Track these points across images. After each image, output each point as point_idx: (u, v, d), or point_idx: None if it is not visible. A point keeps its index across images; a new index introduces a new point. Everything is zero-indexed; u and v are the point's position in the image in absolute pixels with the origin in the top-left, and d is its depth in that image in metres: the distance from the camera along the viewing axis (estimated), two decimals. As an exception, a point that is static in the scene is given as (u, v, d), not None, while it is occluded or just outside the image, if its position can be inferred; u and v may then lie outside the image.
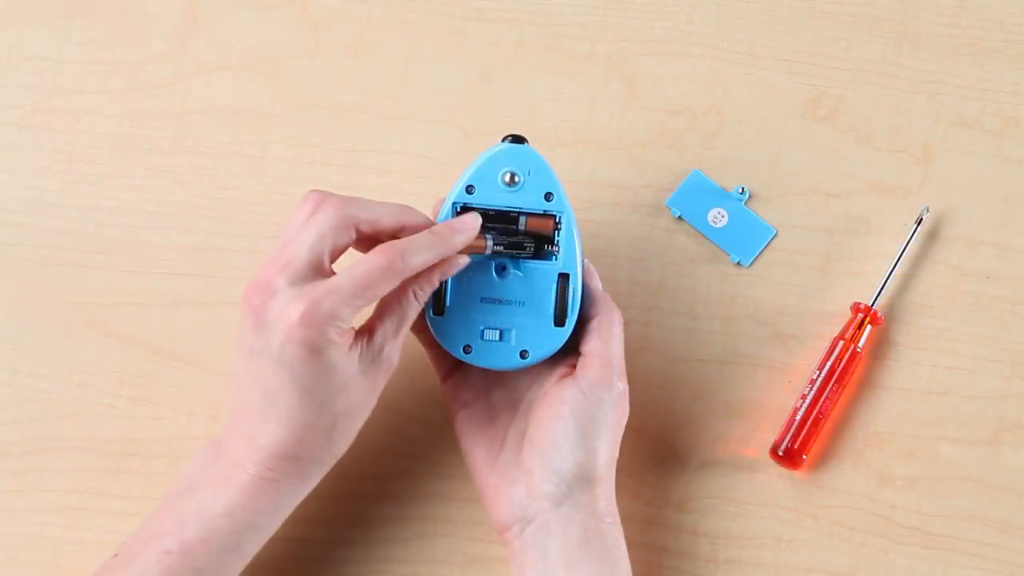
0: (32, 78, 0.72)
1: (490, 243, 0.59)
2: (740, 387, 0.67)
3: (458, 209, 0.60)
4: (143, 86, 0.72)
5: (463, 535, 0.65)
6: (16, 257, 0.69)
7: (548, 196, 0.60)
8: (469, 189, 0.60)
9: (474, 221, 0.58)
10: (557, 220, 0.60)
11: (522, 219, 0.60)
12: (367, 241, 0.58)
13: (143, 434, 0.67)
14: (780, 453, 0.65)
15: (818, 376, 0.66)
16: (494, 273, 0.60)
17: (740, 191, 0.70)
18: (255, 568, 0.62)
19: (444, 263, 0.57)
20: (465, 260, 0.58)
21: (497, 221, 0.60)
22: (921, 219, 0.68)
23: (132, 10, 0.73)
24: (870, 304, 0.67)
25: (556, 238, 0.60)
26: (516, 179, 0.60)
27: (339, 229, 0.56)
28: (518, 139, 0.60)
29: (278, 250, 0.56)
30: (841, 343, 0.66)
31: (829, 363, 0.66)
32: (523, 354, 0.60)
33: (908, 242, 0.68)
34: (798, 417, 0.65)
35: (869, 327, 0.66)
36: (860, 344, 0.66)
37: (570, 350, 0.61)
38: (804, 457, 0.65)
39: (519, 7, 0.73)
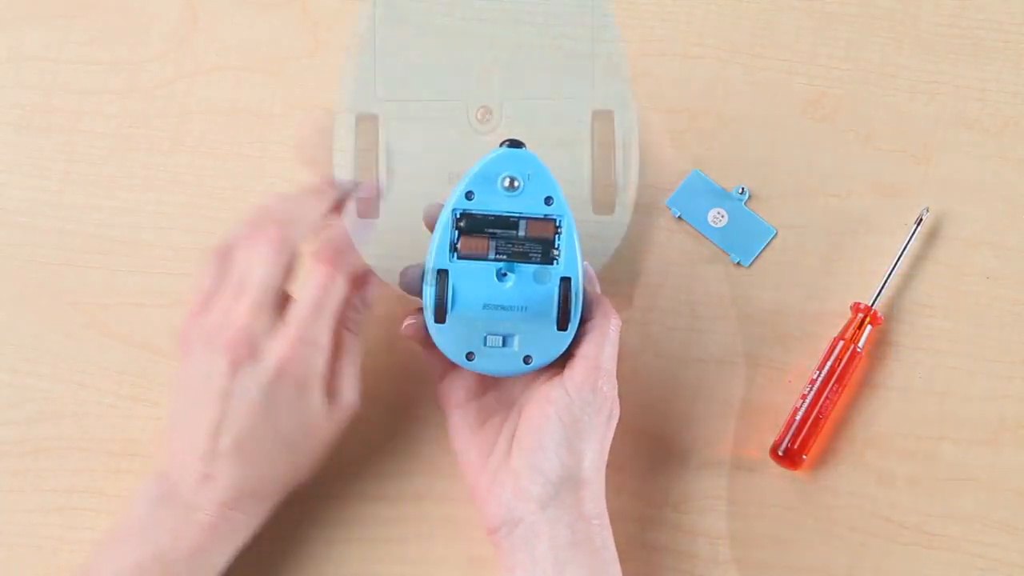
0: (32, 78, 0.72)
1: (492, 246, 0.60)
2: (740, 387, 0.67)
3: (458, 216, 0.59)
4: (143, 86, 0.72)
5: (463, 535, 0.65)
6: (16, 257, 0.69)
7: (548, 200, 0.60)
8: (469, 195, 0.59)
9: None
10: (557, 224, 0.60)
11: (522, 224, 0.60)
12: None
13: (143, 434, 0.67)
14: (780, 453, 0.65)
15: (818, 376, 0.66)
16: (495, 279, 0.60)
17: (740, 191, 0.70)
18: (256, 568, 0.62)
19: (360, 286, 0.60)
20: (372, 276, 0.60)
21: (497, 226, 0.60)
22: (921, 219, 0.68)
23: (132, 10, 0.73)
24: (870, 304, 0.67)
25: (557, 242, 0.60)
26: (516, 184, 0.59)
27: (288, 256, 0.58)
28: (515, 143, 0.60)
29: (232, 288, 0.58)
30: (841, 343, 0.66)
31: (829, 363, 0.66)
32: (526, 359, 0.60)
33: (908, 242, 0.68)
34: (798, 417, 0.65)
35: (869, 327, 0.66)
36: (860, 344, 0.66)
37: (571, 355, 0.61)
38: (804, 457, 0.65)
39: (519, 7, 0.73)
